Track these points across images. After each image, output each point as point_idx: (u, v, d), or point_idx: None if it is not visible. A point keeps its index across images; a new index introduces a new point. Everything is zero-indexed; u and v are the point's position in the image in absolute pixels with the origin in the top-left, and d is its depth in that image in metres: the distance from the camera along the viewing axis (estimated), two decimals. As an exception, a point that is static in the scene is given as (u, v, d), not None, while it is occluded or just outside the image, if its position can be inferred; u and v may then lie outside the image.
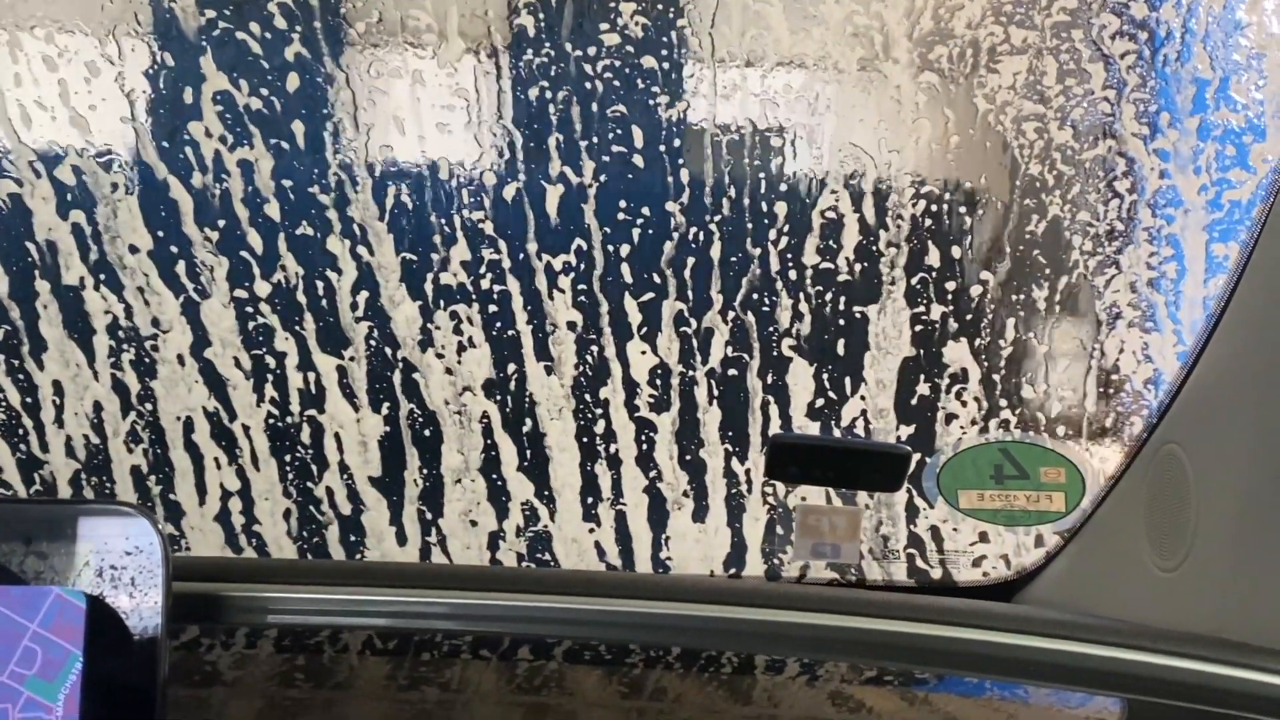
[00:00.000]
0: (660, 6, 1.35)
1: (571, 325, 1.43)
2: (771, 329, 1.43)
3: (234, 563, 1.40)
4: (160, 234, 1.39)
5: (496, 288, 1.42)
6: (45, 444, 1.43)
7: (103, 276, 1.40)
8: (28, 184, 1.36)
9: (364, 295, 1.42)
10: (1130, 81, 1.33)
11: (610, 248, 1.41)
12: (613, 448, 1.47)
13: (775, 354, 1.44)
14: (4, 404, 1.42)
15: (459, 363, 1.44)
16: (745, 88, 1.38)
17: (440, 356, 1.44)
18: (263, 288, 1.41)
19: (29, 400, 1.42)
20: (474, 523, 1.48)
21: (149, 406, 1.43)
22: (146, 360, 1.42)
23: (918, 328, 1.43)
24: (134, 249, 1.39)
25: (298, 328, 1.42)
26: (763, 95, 1.38)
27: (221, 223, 1.39)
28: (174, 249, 1.39)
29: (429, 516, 1.48)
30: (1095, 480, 1.31)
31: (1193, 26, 1.31)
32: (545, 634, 1.05)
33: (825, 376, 1.45)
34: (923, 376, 1.44)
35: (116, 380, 1.42)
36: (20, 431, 1.43)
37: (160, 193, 1.37)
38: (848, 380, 1.45)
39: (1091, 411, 1.41)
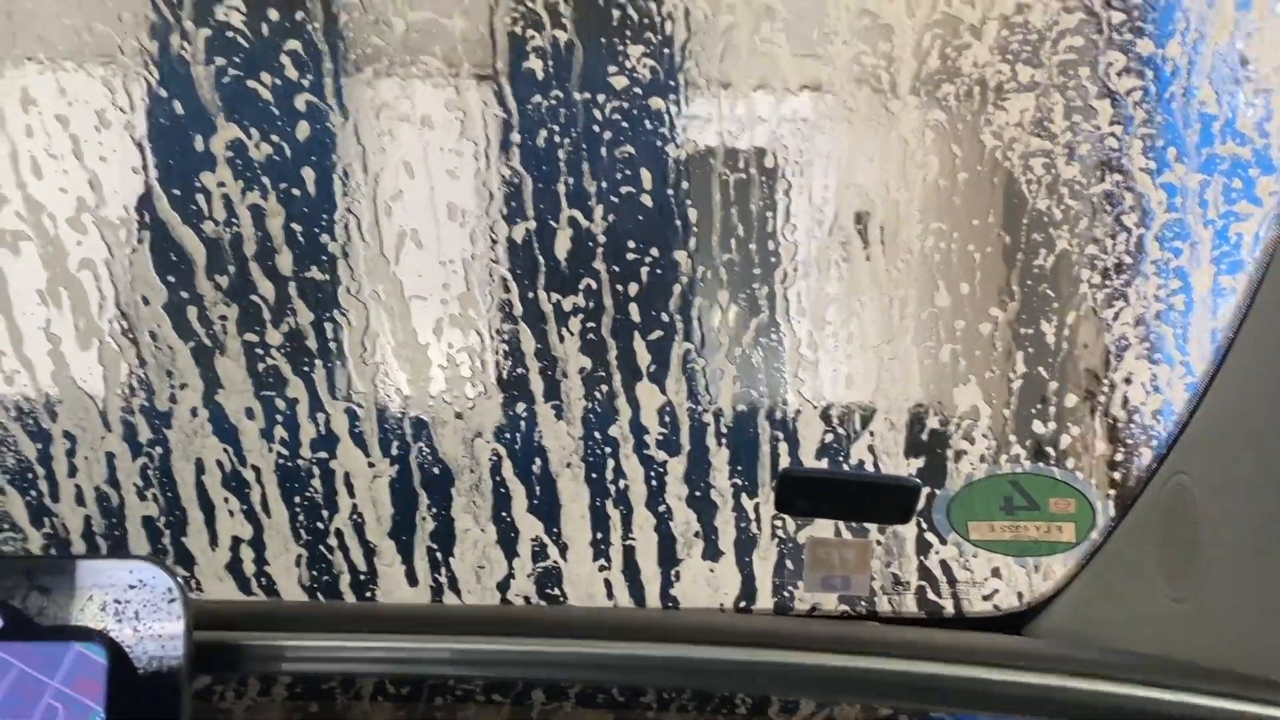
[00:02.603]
0: (667, 50, 1.35)
1: (581, 370, 1.43)
2: (778, 367, 1.44)
3: (246, 607, 1.39)
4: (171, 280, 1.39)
5: (506, 328, 1.42)
6: (56, 494, 1.43)
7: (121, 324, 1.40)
8: (37, 235, 1.36)
9: (374, 338, 1.42)
10: (1137, 117, 1.34)
11: (619, 288, 1.41)
12: (622, 484, 1.47)
13: (784, 392, 1.44)
14: (17, 454, 1.42)
15: (471, 408, 1.44)
16: (752, 126, 1.39)
17: (448, 403, 1.44)
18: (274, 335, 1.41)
19: (41, 450, 1.42)
20: (481, 568, 1.47)
21: (159, 451, 1.43)
22: (159, 410, 1.42)
23: (927, 363, 1.43)
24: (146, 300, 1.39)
25: (307, 371, 1.42)
26: (771, 133, 1.39)
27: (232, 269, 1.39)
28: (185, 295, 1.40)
29: (440, 557, 1.48)
30: (1105, 511, 1.31)
31: (1199, 62, 1.31)
32: (557, 678, 1.05)
33: (834, 413, 1.45)
34: (932, 412, 1.44)
35: (129, 427, 1.42)
36: (32, 480, 1.43)
37: (170, 241, 1.38)
38: (857, 417, 1.45)
39: (1101, 442, 1.41)
